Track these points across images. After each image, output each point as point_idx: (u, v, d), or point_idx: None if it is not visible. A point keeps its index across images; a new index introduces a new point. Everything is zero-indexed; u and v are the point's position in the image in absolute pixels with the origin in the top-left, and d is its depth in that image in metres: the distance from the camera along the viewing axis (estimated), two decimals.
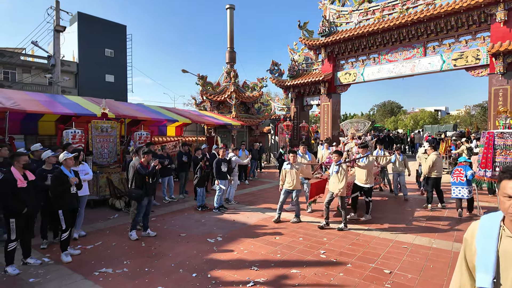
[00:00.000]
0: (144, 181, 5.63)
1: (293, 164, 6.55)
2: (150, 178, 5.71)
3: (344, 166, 6.09)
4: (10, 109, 7.38)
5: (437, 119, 46.42)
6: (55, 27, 12.77)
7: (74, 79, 29.95)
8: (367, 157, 6.59)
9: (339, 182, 6.02)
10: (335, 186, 6.06)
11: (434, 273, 4.19)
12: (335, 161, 6.16)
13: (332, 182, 6.16)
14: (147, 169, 5.69)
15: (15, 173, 4.32)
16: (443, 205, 7.88)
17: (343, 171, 6.02)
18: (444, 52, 12.94)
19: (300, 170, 6.70)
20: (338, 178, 6.03)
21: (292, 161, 6.57)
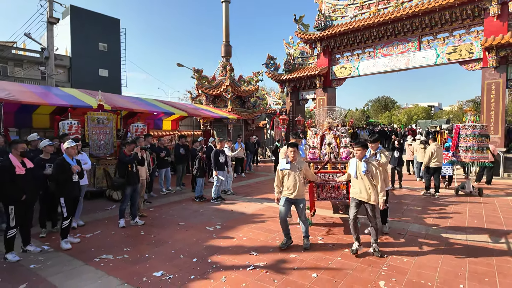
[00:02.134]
0: (127, 170, 5.72)
1: (295, 163, 4.66)
2: (132, 166, 5.79)
3: (375, 163, 4.39)
4: (4, 100, 7.29)
5: (431, 115, 46.91)
6: (48, 19, 12.59)
7: (67, 73, 29.58)
8: (381, 152, 5.06)
9: (372, 186, 4.33)
10: (367, 193, 4.34)
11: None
12: (359, 157, 4.42)
13: (360, 186, 4.40)
14: (127, 157, 5.79)
15: (13, 160, 4.32)
16: (437, 195, 8.15)
17: (374, 169, 4.32)
18: (439, 46, 13.08)
19: (306, 170, 4.82)
20: (368, 181, 4.32)
21: (292, 159, 4.65)
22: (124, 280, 3.64)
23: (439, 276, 3.73)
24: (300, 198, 4.64)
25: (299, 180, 4.62)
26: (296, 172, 4.62)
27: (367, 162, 4.34)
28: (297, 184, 4.59)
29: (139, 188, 6.08)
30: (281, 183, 4.73)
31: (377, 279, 3.67)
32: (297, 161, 4.72)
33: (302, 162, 4.80)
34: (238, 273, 3.83)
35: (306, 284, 3.55)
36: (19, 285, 3.54)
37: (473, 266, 4.00)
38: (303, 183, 4.73)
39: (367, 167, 4.30)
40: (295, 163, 4.67)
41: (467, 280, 3.64)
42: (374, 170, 4.31)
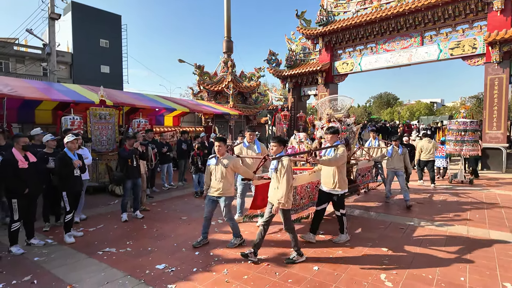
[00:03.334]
0: (126, 164, 5.78)
1: (221, 159, 4.38)
2: (132, 161, 5.83)
3: (285, 162, 3.87)
4: (7, 95, 7.33)
5: (433, 111, 46.72)
6: (50, 15, 12.58)
7: (69, 69, 29.61)
8: (337, 148, 4.50)
9: (279, 187, 3.88)
10: (274, 194, 3.95)
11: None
12: (274, 153, 4.12)
13: (271, 187, 4.07)
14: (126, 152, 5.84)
15: (16, 154, 4.35)
16: (433, 186, 8.81)
17: (283, 169, 3.85)
18: (441, 41, 13.00)
19: (235, 167, 4.41)
20: (277, 180, 3.93)
21: (218, 153, 4.39)
22: (127, 273, 3.68)
23: (440, 269, 3.75)
24: (224, 196, 4.37)
25: (225, 177, 4.35)
26: (222, 168, 4.35)
27: (278, 161, 3.94)
28: (221, 181, 4.35)
29: (140, 182, 6.11)
30: (210, 179, 4.51)
31: (378, 272, 3.69)
32: (225, 156, 4.43)
33: (232, 158, 4.48)
34: (240, 266, 3.86)
35: (307, 276, 3.58)
36: (23, 277, 3.59)
37: (474, 260, 4.02)
38: (230, 180, 4.42)
39: (276, 165, 3.93)
40: (221, 159, 4.40)
41: (468, 273, 3.65)
42: (282, 170, 3.86)
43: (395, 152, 6.94)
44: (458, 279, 3.51)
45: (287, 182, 3.81)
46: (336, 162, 4.37)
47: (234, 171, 4.48)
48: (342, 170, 4.51)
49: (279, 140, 4.12)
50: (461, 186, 8.97)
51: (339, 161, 4.40)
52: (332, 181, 4.48)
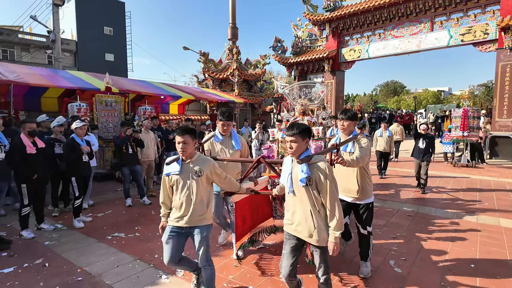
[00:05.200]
0: (121, 151, 5.87)
1: (189, 163, 2.66)
2: (127, 148, 5.89)
3: (322, 166, 2.33)
4: (13, 82, 7.33)
5: (441, 99, 46.06)
6: (53, 1, 12.46)
7: (74, 57, 29.53)
8: (356, 140, 3.18)
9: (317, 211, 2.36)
10: (307, 224, 2.37)
11: None
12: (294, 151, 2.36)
13: (294, 210, 2.44)
14: (123, 138, 5.90)
15: (24, 140, 4.37)
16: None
17: (324, 180, 2.29)
18: (452, 27, 12.66)
19: (213, 175, 2.74)
20: (309, 200, 2.34)
21: (184, 154, 2.63)
22: (136, 257, 3.71)
23: (449, 256, 3.72)
24: (199, 226, 2.65)
25: (197, 194, 2.62)
26: (191, 178, 2.62)
27: (310, 164, 2.32)
28: (191, 200, 2.61)
29: (140, 169, 6.17)
30: (169, 198, 2.76)
31: (387, 258, 3.68)
32: (196, 159, 2.67)
33: (207, 161, 2.71)
34: (248, 250, 3.87)
35: None
36: (35, 260, 3.64)
37: (484, 247, 3.98)
38: (204, 199, 2.68)
39: (310, 172, 2.29)
40: (189, 163, 2.65)
41: (477, 260, 3.62)
42: (321, 179, 2.28)
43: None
44: (469, 266, 3.49)
45: (337, 202, 2.31)
46: (363, 160, 3.05)
47: (213, 182, 2.79)
48: (367, 170, 3.25)
49: (303, 129, 2.33)
50: (467, 173, 8.95)
51: (366, 158, 3.10)
52: (357, 187, 3.17)
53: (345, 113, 3.26)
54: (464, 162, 10.16)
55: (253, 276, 3.29)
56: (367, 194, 3.23)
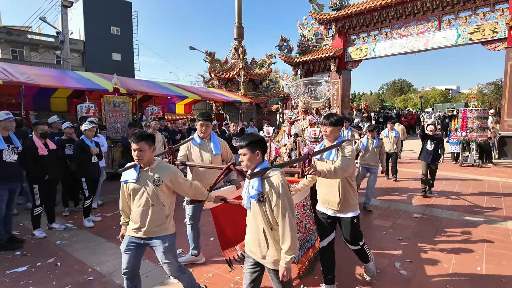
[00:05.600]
0: (128, 151, 6.01)
1: (147, 171, 2.49)
2: None
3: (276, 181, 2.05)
4: (24, 84, 7.47)
5: (448, 98, 45.54)
6: (62, 2, 12.63)
7: (81, 57, 29.87)
8: (341, 147, 2.90)
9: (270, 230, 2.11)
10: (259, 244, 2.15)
11: None
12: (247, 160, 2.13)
13: (249, 228, 2.25)
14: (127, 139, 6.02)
15: (36, 141, 4.48)
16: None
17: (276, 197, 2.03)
18: (460, 26, 12.53)
19: (174, 184, 2.55)
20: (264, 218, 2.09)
21: (140, 161, 2.47)
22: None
23: (455, 258, 3.73)
24: (159, 236, 2.50)
25: (155, 204, 2.47)
26: (149, 187, 2.46)
27: (263, 179, 2.09)
28: (148, 210, 2.47)
29: None
30: (128, 206, 2.62)
31: (393, 260, 3.70)
32: (157, 166, 2.51)
33: (167, 169, 2.54)
34: None
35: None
36: (47, 259, 3.74)
37: (491, 249, 3.98)
38: (163, 209, 2.51)
39: (262, 188, 2.07)
40: (148, 171, 2.49)
41: (484, 263, 3.62)
42: (273, 195, 2.03)
43: (370, 145, 5.76)
44: (474, 269, 3.49)
45: (290, 222, 2.02)
46: (344, 171, 2.73)
47: (174, 191, 2.60)
48: (351, 181, 2.92)
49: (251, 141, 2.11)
50: (474, 173, 8.89)
51: (349, 169, 2.78)
52: (338, 199, 2.87)
53: (327, 118, 2.92)
54: (470, 162, 10.20)
55: None
56: (349, 207, 2.91)
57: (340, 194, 2.88)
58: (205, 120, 3.52)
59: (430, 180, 6.63)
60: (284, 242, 2.03)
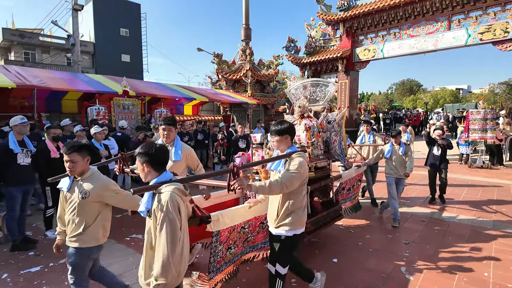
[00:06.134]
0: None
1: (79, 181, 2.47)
2: None
3: (164, 198, 1.88)
4: (37, 87, 7.68)
5: (459, 98, 44.82)
6: (73, 6, 12.88)
7: (92, 59, 30.35)
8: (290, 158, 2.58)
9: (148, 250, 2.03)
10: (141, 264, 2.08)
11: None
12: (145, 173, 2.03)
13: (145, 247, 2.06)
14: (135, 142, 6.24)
15: (49, 145, 4.61)
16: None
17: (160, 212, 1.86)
18: (470, 26, 12.34)
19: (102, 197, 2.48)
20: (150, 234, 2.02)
21: (73, 171, 2.43)
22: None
23: (462, 264, 3.71)
24: (70, 247, 2.44)
25: (80, 214, 2.39)
26: (77, 198, 2.41)
27: (155, 194, 1.96)
28: (74, 220, 2.41)
29: None
30: (64, 212, 2.56)
31: (398, 265, 3.70)
32: (89, 177, 2.44)
33: (98, 181, 2.46)
34: None
35: (328, 268, 3.64)
36: (59, 260, 3.85)
37: (499, 255, 3.94)
38: (86, 221, 2.42)
39: (152, 205, 1.97)
40: (80, 181, 2.45)
41: (492, 269, 3.60)
42: (157, 211, 1.88)
43: (394, 152, 5.11)
44: (482, 274, 3.47)
45: (164, 248, 1.81)
46: (283, 187, 2.39)
47: (108, 203, 2.53)
48: (294, 197, 2.54)
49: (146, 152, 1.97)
50: (483, 175, 8.86)
51: (291, 185, 2.43)
52: (275, 216, 2.60)
53: (275, 126, 2.64)
54: (479, 164, 10.18)
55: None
56: (284, 224, 2.54)
57: (278, 210, 2.56)
58: (167, 124, 3.41)
59: (440, 188, 6.24)
60: (155, 264, 1.85)
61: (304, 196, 2.64)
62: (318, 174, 3.88)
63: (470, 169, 9.94)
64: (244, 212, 2.94)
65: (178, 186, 1.94)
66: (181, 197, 1.94)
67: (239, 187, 2.20)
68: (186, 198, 2.03)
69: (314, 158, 3.81)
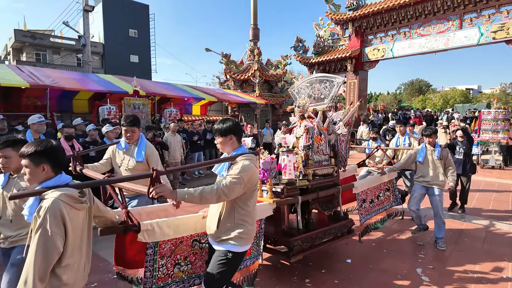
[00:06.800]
0: None
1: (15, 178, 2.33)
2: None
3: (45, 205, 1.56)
4: (50, 87, 7.80)
5: (469, 98, 44.15)
6: (84, 7, 13.04)
7: (101, 59, 30.71)
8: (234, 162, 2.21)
9: None
10: None
11: None
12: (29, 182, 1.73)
13: None
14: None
15: (63, 143, 4.66)
16: None
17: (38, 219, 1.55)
18: (483, 24, 12.14)
19: None
20: None
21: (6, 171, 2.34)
22: None
23: (479, 266, 3.64)
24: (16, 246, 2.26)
25: (18, 213, 2.09)
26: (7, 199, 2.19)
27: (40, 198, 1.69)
28: (8, 219, 2.27)
29: None
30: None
31: (414, 266, 3.65)
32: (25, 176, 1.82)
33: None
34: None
35: (342, 267, 3.61)
36: None
37: None
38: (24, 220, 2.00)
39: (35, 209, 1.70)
40: (16, 178, 2.32)
41: (510, 271, 3.52)
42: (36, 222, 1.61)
43: (429, 155, 4.29)
44: (500, 276, 3.40)
45: (35, 263, 1.51)
46: (220, 196, 2.04)
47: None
48: (242, 204, 2.18)
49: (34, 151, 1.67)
50: (496, 176, 8.75)
51: (230, 193, 2.05)
52: (215, 225, 2.20)
53: (218, 125, 2.26)
54: (491, 164, 10.12)
55: (276, 280, 3.36)
56: (231, 238, 2.14)
57: (219, 219, 2.18)
58: (129, 125, 3.08)
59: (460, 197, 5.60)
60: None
61: (255, 204, 2.29)
62: (316, 183, 3.40)
63: (483, 169, 9.77)
64: (195, 222, 2.44)
65: (68, 192, 1.60)
66: (73, 205, 1.61)
67: (159, 194, 1.88)
68: (81, 206, 1.67)
69: (314, 164, 3.39)
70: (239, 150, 2.26)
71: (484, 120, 10.43)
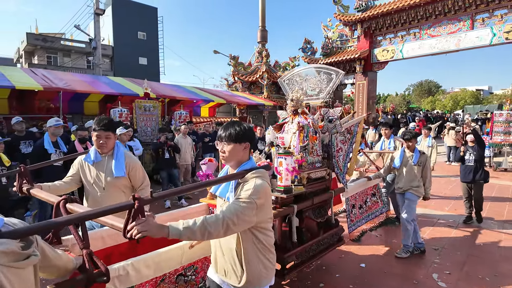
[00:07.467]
0: (158, 155, 6.39)
1: None
2: (164, 153, 6.29)
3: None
4: (63, 89, 7.92)
5: (480, 99, 43.46)
6: (95, 10, 13.24)
7: (110, 62, 31.08)
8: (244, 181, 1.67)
9: None
10: None
11: None
12: None
13: None
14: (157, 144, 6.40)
15: (77, 146, 4.73)
16: None
17: None
18: (495, 24, 11.95)
19: None
20: None
21: None
22: None
23: (497, 271, 3.57)
24: None
25: None
26: None
27: None
28: None
29: (177, 172, 6.53)
30: None
31: (430, 271, 3.60)
32: None
33: None
34: None
35: (356, 273, 3.57)
36: None
37: None
38: None
39: None
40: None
41: None
42: None
43: (406, 160, 4.08)
44: None
45: None
46: (228, 228, 1.51)
47: None
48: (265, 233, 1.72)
49: None
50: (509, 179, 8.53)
51: (241, 222, 1.55)
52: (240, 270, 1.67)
53: (225, 130, 1.73)
54: (504, 166, 10.04)
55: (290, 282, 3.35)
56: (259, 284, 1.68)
57: (244, 262, 1.64)
58: (102, 129, 2.44)
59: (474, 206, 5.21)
60: None
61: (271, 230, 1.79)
62: (311, 188, 3.04)
63: (496, 172, 9.61)
64: (181, 255, 2.06)
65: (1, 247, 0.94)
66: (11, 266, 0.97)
67: (143, 233, 1.27)
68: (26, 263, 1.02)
69: (308, 167, 3.00)
70: (248, 164, 1.73)
71: (496, 122, 10.36)
